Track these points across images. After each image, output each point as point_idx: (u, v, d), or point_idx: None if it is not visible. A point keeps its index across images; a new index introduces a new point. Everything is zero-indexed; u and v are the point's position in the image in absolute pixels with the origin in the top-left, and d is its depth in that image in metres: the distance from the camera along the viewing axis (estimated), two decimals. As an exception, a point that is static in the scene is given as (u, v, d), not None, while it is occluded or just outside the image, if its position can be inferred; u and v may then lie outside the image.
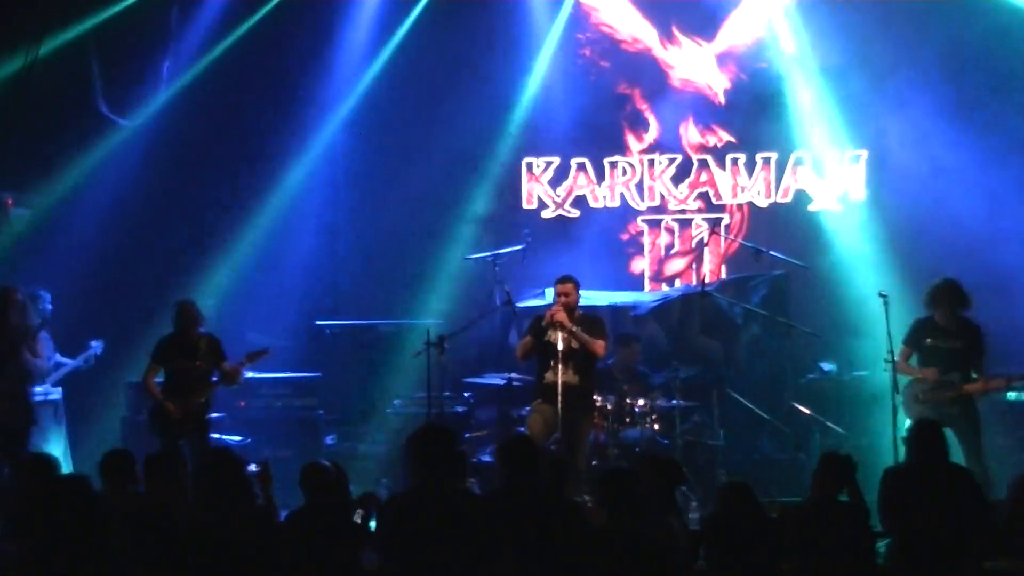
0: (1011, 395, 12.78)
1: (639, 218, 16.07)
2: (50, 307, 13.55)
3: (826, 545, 8.28)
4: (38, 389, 13.08)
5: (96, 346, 13.72)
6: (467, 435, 13.32)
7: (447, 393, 13.59)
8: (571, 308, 11.97)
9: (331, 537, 7.49)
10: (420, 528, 6.46)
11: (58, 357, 13.47)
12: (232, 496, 7.40)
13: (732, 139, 15.91)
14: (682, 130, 16.03)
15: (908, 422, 11.22)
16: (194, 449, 11.78)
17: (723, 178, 15.87)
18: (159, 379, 12.32)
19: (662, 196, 16.02)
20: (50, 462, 8.80)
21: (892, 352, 12.00)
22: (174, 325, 12.28)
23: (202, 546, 7.02)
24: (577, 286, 12.08)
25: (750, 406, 13.43)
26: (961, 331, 11.71)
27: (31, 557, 6.76)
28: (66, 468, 11.06)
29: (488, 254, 13.95)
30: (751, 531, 8.16)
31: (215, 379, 12.23)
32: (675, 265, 16.04)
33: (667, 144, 16.05)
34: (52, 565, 6.09)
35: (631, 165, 16.06)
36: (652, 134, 16.10)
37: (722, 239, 15.67)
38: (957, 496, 8.58)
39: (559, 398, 11.66)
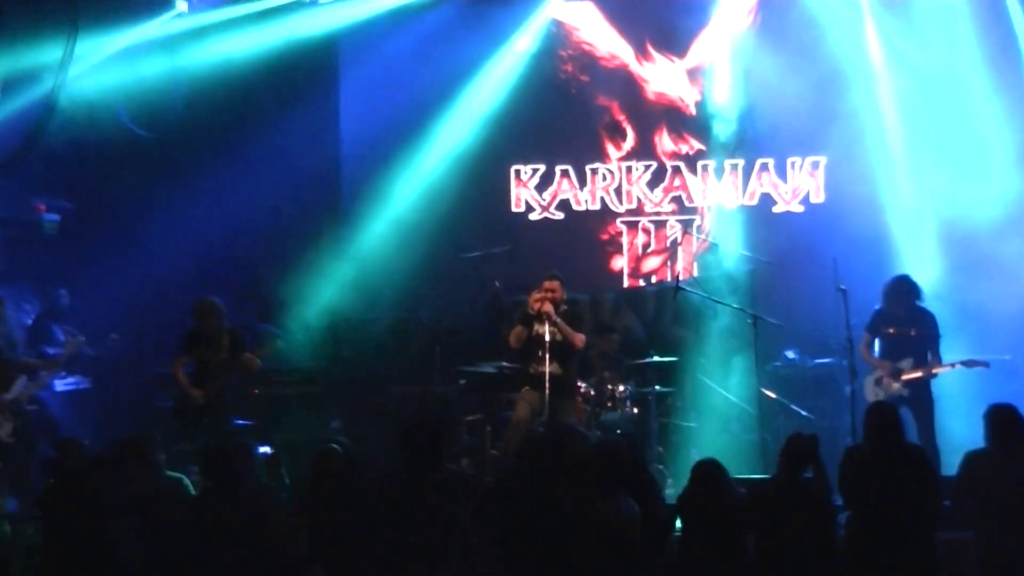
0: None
1: (618, 220, 16.03)
2: (66, 301, 13.61)
3: (791, 518, 8.26)
4: (68, 379, 13.16)
5: (115, 340, 13.69)
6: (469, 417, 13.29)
7: (443, 381, 13.57)
8: (557, 303, 11.99)
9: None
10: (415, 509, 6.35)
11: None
12: (238, 477, 7.27)
13: (702, 147, 15.87)
14: (656, 139, 15.99)
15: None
16: (214, 431, 11.80)
17: (694, 183, 15.86)
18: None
19: (639, 199, 16.00)
20: (78, 446, 8.80)
21: (850, 341, 12.13)
22: (194, 320, 12.28)
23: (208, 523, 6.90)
24: (563, 283, 12.11)
25: (720, 391, 13.43)
26: (915, 320, 12.23)
27: (53, 536, 6.69)
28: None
29: (480, 253, 13.91)
30: (722, 505, 8.15)
31: (235, 367, 12.28)
32: (651, 263, 16.02)
33: (643, 152, 16.01)
34: (73, 544, 6.02)
35: (610, 171, 16.03)
36: (629, 143, 16.07)
37: (694, 238, 15.68)
38: (910, 473, 8.57)
39: (545, 385, 11.69)
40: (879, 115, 14.99)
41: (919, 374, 12.07)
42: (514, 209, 16.09)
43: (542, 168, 16.06)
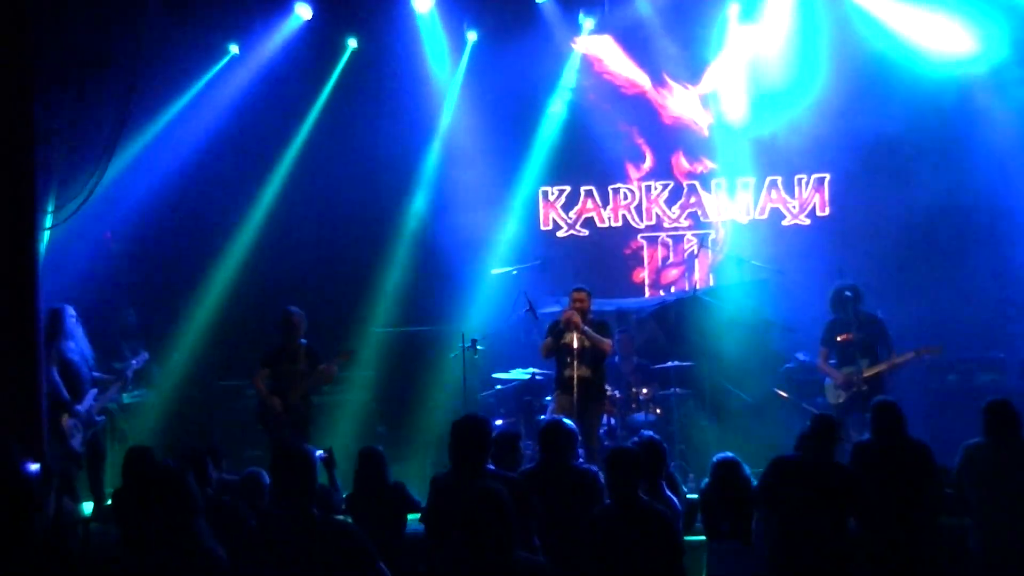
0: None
1: (639, 235, 16.07)
2: (133, 320, 13.71)
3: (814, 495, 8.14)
4: (134, 392, 13.24)
5: (176, 359, 13.84)
6: (497, 421, 13.23)
7: (480, 388, 13.57)
8: (584, 313, 11.94)
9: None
10: (459, 505, 6.27)
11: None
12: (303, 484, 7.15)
13: (715, 167, 15.87)
14: (673, 160, 16.03)
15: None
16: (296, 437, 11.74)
17: (709, 200, 15.89)
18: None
19: (658, 216, 16.02)
20: (148, 454, 8.80)
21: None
22: (281, 334, 12.29)
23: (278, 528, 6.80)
24: (589, 295, 12.09)
25: (737, 392, 13.38)
26: (863, 324, 12.19)
27: (127, 537, 6.67)
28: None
29: (512, 268, 13.92)
30: (739, 498, 8.11)
31: (313, 377, 12.23)
32: (670, 274, 16.04)
33: (661, 172, 16.07)
34: (146, 545, 5.98)
35: (631, 191, 16.07)
36: (648, 164, 16.09)
37: (709, 251, 15.67)
38: (914, 464, 8.57)
39: (575, 390, 11.63)
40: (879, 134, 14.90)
41: (878, 370, 12.03)
42: (543, 227, 16.13)
43: (568, 189, 16.11)
